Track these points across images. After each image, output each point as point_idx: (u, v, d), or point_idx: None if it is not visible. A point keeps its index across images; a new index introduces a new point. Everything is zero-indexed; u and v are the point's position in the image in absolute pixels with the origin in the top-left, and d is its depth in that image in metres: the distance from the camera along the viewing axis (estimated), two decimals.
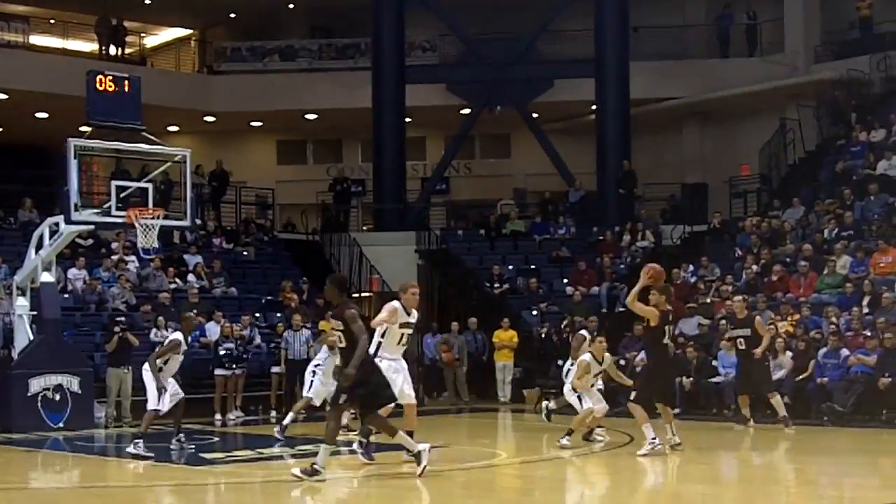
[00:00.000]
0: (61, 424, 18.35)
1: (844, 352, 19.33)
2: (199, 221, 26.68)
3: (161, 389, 14.41)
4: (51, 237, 19.21)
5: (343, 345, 11.92)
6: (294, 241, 31.04)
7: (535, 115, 32.82)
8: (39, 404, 18.69)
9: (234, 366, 21.04)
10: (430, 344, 25.53)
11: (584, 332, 17.94)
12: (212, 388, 20.93)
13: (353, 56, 34.33)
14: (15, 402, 18.64)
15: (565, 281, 27.30)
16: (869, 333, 19.55)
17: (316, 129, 35.81)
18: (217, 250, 27.59)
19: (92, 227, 20.03)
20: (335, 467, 12.82)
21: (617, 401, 17.62)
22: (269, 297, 25.79)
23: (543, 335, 24.67)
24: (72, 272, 23.28)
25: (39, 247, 19.43)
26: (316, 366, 17.32)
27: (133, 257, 24.52)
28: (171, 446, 14.93)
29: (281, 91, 33.12)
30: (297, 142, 37.29)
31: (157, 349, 15.70)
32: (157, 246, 18.92)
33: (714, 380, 20.46)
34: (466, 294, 28.33)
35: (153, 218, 18.02)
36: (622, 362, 20.45)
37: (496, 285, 27.41)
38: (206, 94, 33.33)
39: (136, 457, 13.93)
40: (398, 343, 12.97)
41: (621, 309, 22.91)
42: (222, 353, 21.09)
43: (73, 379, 18.92)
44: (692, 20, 34.53)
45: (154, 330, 21.17)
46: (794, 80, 30.95)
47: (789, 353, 19.80)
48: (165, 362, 14.79)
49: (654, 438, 13.95)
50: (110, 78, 18.08)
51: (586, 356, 15.51)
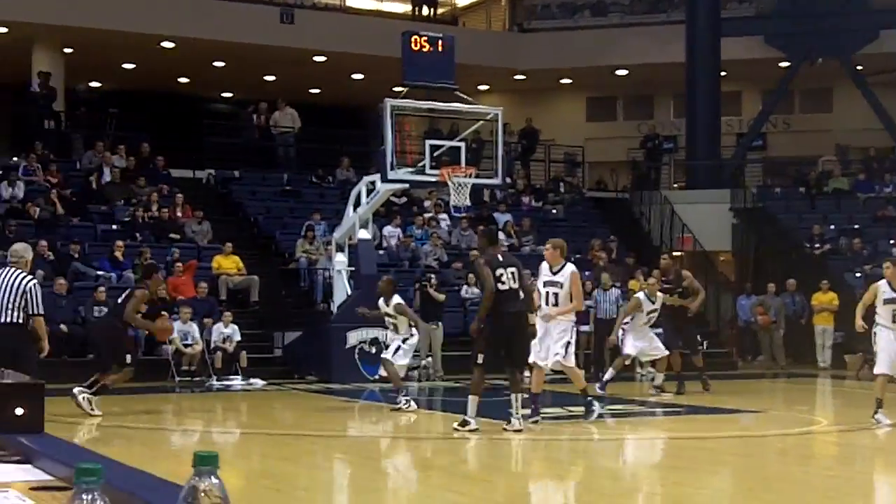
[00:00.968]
0: (377, 377, 18.86)
1: None
2: (508, 180, 26.86)
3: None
4: (367, 195, 19.73)
5: None
6: (603, 199, 30.85)
7: (858, 68, 31.27)
8: (357, 356, 19.30)
9: None
10: (744, 306, 24.86)
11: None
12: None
13: (665, 10, 33.64)
14: (334, 355, 19.33)
15: (892, 241, 25.96)
16: None
17: (626, 84, 35.33)
18: (526, 208, 27.74)
19: (406, 185, 20.45)
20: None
21: None
22: (577, 256, 25.63)
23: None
24: (387, 230, 23.93)
25: (357, 205, 20.00)
26: (624, 323, 17.23)
27: (444, 215, 24.98)
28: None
29: (591, 47, 32.80)
30: (607, 98, 36.92)
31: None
32: (468, 204, 19.11)
33: None
34: (784, 254, 27.42)
35: (466, 176, 18.21)
36: None
37: (816, 245, 26.42)
38: (515, 52, 33.43)
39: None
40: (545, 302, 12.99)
41: None
42: None
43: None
44: None
45: (465, 287, 21.44)
46: None
47: None
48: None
49: None
50: (425, 38, 18.31)
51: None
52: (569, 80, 35.01)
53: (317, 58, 30.73)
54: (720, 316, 27.33)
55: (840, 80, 32.14)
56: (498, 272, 12.12)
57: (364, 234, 20.05)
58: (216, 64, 31.06)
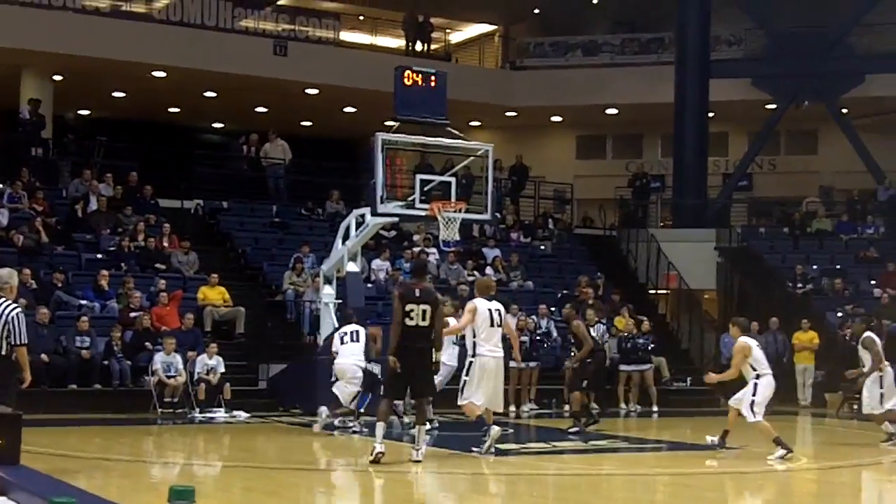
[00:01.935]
0: (362, 409, 18.84)
1: None
2: (498, 215, 27.00)
3: None
4: (357, 228, 19.81)
5: None
6: (591, 235, 30.99)
7: (844, 111, 31.55)
8: None
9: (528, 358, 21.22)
10: (728, 344, 24.89)
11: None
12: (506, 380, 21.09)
13: (656, 51, 33.94)
14: (319, 388, 19.31)
15: (872, 282, 26.25)
16: None
17: (616, 123, 35.60)
18: (515, 244, 27.88)
19: (396, 219, 20.54)
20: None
21: None
22: (564, 291, 25.82)
23: (847, 337, 23.77)
24: (376, 263, 24.02)
25: (346, 237, 20.08)
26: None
27: (433, 249, 25.08)
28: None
29: (582, 86, 33.08)
30: (597, 136, 37.16)
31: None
32: (457, 238, 19.19)
33: None
34: (767, 293, 27.58)
35: (455, 211, 18.28)
36: None
37: (799, 285, 26.59)
38: (508, 89, 33.66)
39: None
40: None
41: None
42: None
43: (375, 366, 19.44)
44: None
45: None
46: None
47: None
48: None
49: None
50: (418, 73, 18.38)
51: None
52: (559, 118, 35.27)
53: (309, 90, 30.91)
54: (704, 353, 27.48)
55: (825, 122, 32.43)
56: (409, 307, 12.32)
57: (353, 267, 20.09)
58: (207, 94, 31.19)
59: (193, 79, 29.39)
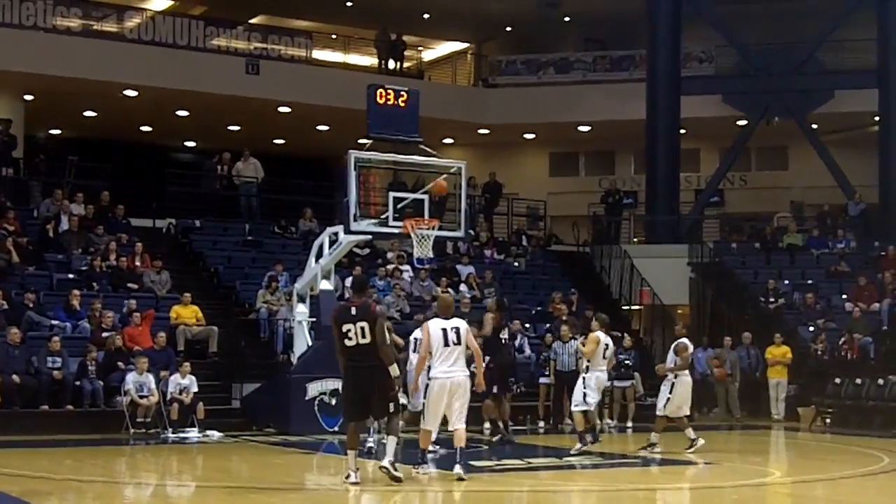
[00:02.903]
0: (336, 428, 18.84)
1: None
2: (471, 232, 27.03)
3: None
4: (330, 246, 19.80)
5: None
6: (564, 252, 31.07)
7: (814, 127, 31.78)
8: (316, 408, 19.28)
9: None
10: (701, 359, 25.00)
11: None
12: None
13: (627, 68, 34.13)
14: (293, 406, 19.30)
15: (844, 297, 26.41)
16: None
17: (588, 140, 35.74)
18: (489, 261, 27.92)
19: (370, 236, 20.54)
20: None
21: None
22: (538, 308, 25.88)
23: (819, 352, 23.92)
24: (349, 281, 23.97)
25: (319, 255, 20.07)
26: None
27: (407, 266, 25.09)
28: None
29: (554, 103, 33.23)
30: (570, 154, 37.30)
31: None
32: (431, 256, 19.20)
33: None
34: (740, 308, 27.71)
35: (429, 228, 18.30)
36: None
37: (771, 300, 26.72)
38: (480, 106, 33.77)
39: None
40: None
41: None
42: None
43: None
44: None
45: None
46: None
47: None
48: None
49: None
50: (390, 91, 18.42)
51: None
52: (532, 136, 35.37)
53: (282, 108, 30.91)
54: None
55: (795, 138, 32.65)
56: (345, 328, 12.05)
57: (326, 285, 20.08)
58: (180, 113, 31.14)
59: (165, 98, 29.35)
